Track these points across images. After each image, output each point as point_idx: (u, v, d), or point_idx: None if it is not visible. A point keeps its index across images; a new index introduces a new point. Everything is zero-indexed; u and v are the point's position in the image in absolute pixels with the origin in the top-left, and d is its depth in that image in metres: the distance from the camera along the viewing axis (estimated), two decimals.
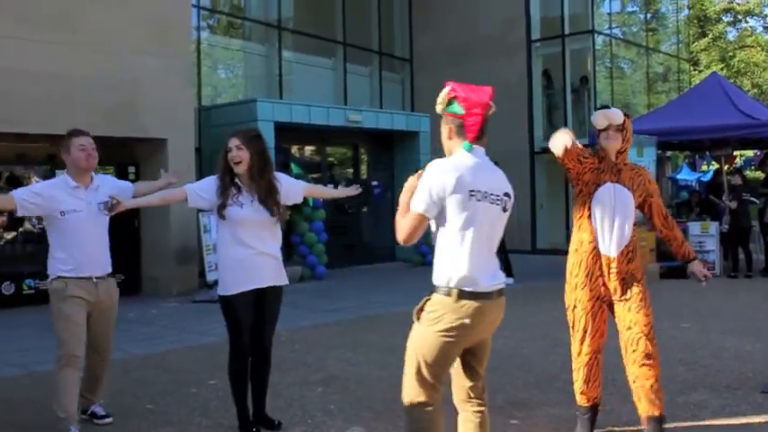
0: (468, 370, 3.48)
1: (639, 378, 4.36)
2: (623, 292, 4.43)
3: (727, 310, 9.47)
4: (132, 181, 11.91)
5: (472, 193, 3.24)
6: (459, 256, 3.24)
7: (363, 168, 17.59)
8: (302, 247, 13.66)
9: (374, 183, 17.23)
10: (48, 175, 11.13)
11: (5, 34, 10.00)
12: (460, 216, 3.23)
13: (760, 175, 16.27)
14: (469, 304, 3.23)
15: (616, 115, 4.47)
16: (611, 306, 4.51)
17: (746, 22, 39.58)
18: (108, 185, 5.06)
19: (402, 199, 3.37)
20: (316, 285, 12.91)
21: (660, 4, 23.93)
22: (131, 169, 12.13)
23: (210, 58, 16.26)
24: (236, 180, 4.66)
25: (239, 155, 4.61)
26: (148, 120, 11.42)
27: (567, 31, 18.40)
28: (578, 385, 4.55)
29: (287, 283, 4.87)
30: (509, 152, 17.70)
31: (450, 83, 3.57)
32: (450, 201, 3.22)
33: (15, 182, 10.94)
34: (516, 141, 17.96)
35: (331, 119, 14.80)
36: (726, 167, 14.49)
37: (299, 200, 5.04)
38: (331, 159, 17.37)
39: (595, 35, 18.34)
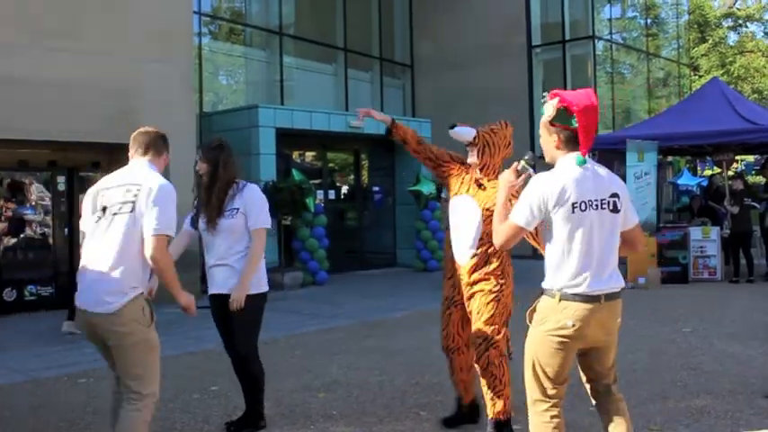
0: (589, 370, 3.62)
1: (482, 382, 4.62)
2: (468, 303, 4.64)
3: (728, 314, 9.46)
4: None
5: (575, 205, 3.34)
6: (565, 262, 3.37)
7: (364, 174, 17.59)
8: (303, 252, 13.66)
9: (375, 188, 17.28)
10: (48, 181, 11.16)
11: (7, 41, 10.01)
12: (565, 228, 3.36)
13: (761, 179, 16.28)
14: (573, 306, 3.34)
15: (463, 134, 4.71)
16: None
17: (747, 27, 39.62)
18: None
19: (498, 198, 3.55)
20: (317, 291, 12.91)
21: (660, 9, 23.98)
22: None
23: (212, 64, 16.28)
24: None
25: (201, 166, 4.84)
26: (150, 126, 11.40)
27: (567, 37, 18.42)
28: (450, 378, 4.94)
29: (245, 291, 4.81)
30: (510, 158, 17.71)
31: (556, 92, 3.54)
32: (553, 214, 3.36)
33: (16, 188, 10.96)
34: (517, 147, 17.88)
35: (332, 125, 14.82)
36: (728, 172, 14.50)
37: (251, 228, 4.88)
38: (332, 165, 17.39)
39: (596, 41, 18.37)
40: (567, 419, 5.03)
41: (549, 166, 3.51)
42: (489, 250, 4.54)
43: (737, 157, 18.26)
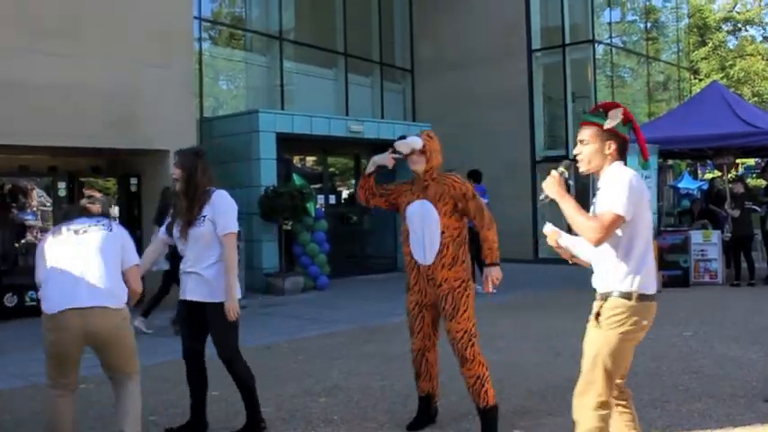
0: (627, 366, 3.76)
1: (464, 378, 4.80)
2: (442, 301, 4.82)
3: (730, 318, 9.46)
4: (134, 193, 12.04)
5: (648, 200, 3.59)
6: (641, 262, 3.50)
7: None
8: (304, 257, 13.66)
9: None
10: (49, 186, 11.16)
11: (7, 46, 10.02)
12: (643, 226, 3.52)
13: (761, 182, 16.27)
14: (649, 307, 3.54)
15: (413, 142, 4.92)
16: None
17: (746, 30, 39.70)
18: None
19: (564, 202, 3.57)
20: (318, 296, 12.91)
21: (660, 13, 23.99)
22: (133, 180, 12.16)
23: (212, 69, 16.30)
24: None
25: (176, 172, 4.85)
26: (150, 131, 11.44)
27: (567, 41, 18.43)
28: (414, 378, 5.11)
29: (214, 300, 4.80)
30: (510, 161, 17.75)
31: (611, 103, 3.69)
32: (640, 207, 3.48)
33: (17, 193, 10.97)
34: (517, 150, 17.99)
35: (332, 129, 14.83)
36: (728, 175, 14.49)
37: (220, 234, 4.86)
38: (332, 170, 17.40)
39: (596, 44, 18.36)
40: (565, 423, 5.04)
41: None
42: (451, 245, 4.80)
43: (738, 161, 18.27)
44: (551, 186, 3.64)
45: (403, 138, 4.98)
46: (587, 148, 3.63)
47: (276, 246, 13.60)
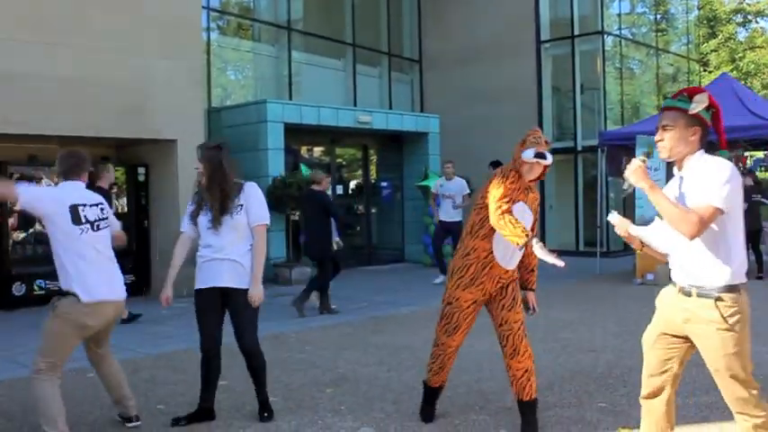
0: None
1: (510, 370, 4.78)
2: (500, 293, 4.79)
3: None
4: (142, 183, 12.07)
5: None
6: (740, 252, 3.42)
7: (372, 169, 17.60)
8: None
9: (383, 184, 17.27)
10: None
11: (16, 37, 10.04)
12: (738, 211, 3.41)
13: None
14: (745, 293, 3.44)
15: (551, 160, 4.71)
16: (487, 305, 4.87)
17: (757, 22, 39.43)
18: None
19: (654, 192, 3.39)
20: None
21: (670, 4, 23.85)
22: (141, 170, 12.17)
23: (220, 59, 16.30)
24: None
25: (200, 166, 5.01)
26: (158, 121, 11.45)
27: (576, 32, 18.37)
28: (434, 369, 4.99)
29: (246, 287, 4.93)
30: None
31: (706, 90, 3.51)
32: (738, 197, 3.36)
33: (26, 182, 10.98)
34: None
35: (340, 120, 14.83)
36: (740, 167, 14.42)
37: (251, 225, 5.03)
38: (340, 160, 17.39)
39: (605, 36, 18.30)
40: (571, 415, 5.04)
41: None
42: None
43: (746, 154, 18.15)
44: (638, 175, 3.49)
45: (543, 156, 4.66)
46: (670, 134, 3.48)
47: (284, 236, 13.62)
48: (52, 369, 4.59)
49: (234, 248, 4.92)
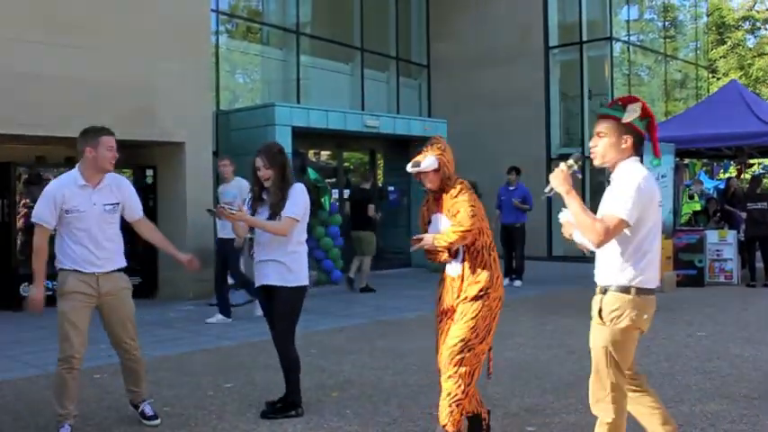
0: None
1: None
2: (455, 309, 4.52)
3: (745, 318, 9.41)
4: (150, 185, 12.10)
5: (659, 203, 3.62)
6: (645, 258, 3.51)
7: (380, 174, 17.60)
8: (318, 251, 13.65)
9: (390, 188, 17.26)
10: None
11: (26, 38, 10.08)
12: (650, 224, 3.52)
13: None
14: (650, 300, 3.58)
15: (429, 165, 4.50)
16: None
17: (765, 29, 39.34)
18: (123, 191, 5.11)
19: (569, 199, 3.58)
20: (331, 290, 12.92)
21: (678, 11, 23.84)
22: (149, 172, 12.21)
23: (229, 62, 16.33)
24: (263, 193, 5.24)
25: (266, 173, 5.17)
26: (167, 123, 11.49)
27: (584, 38, 18.35)
28: None
29: (289, 285, 5.17)
30: (526, 158, 17.65)
31: (640, 99, 3.66)
32: (649, 212, 3.48)
33: (34, 183, 11.01)
34: (533, 148, 17.93)
35: (348, 124, 14.83)
36: (744, 174, 14.39)
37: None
38: (347, 164, 17.40)
39: (613, 42, 18.28)
40: (577, 421, 5.03)
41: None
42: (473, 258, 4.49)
43: (756, 161, 18.14)
44: (558, 180, 3.63)
45: (417, 165, 4.57)
46: (603, 141, 3.61)
47: None
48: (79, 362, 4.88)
49: (280, 248, 5.14)
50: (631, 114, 3.55)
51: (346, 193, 16.17)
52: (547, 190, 3.74)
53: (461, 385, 4.34)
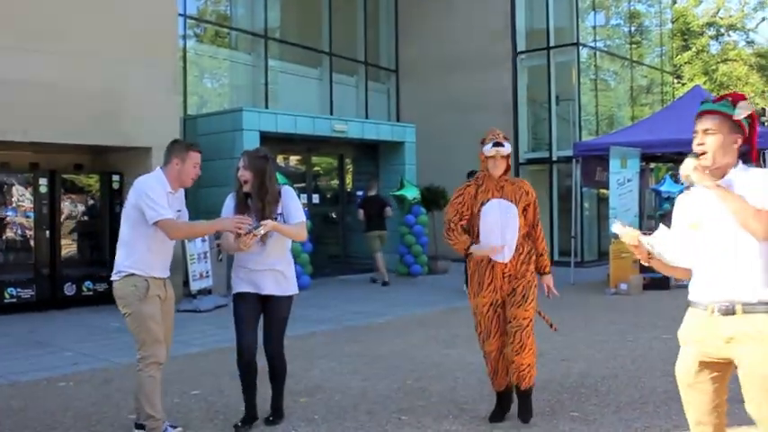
0: None
1: (515, 363, 5.08)
2: (512, 293, 5.08)
3: None
4: (116, 190, 11.97)
5: None
6: None
7: (348, 179, 17.59)
8: None
9: (359, 193, 17.26)
10: (31, 183, 11.08)
11: None
12: None
13: None
14: None
15: (509, 148, 5.10)
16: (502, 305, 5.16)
17: (729, 35, 39.95)
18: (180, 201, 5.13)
19: (722, 192, 3.01)
20: (300, 296, 12.77)
21: (644, 17, 24.12)
22: (116, 177, 12.08)
23: (197, 66, 16.25)
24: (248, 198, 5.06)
25: (245, 175, 5.00)
26: (134, 128, 11.38)
27: (552, 44, 18.51)
28: (490, 375, 5.29)
29: (286, 294, 5.27)
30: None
31: (746, 97, 3.30)
32: None
33: None
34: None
35: (317, 129, 14.82)
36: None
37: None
38: (317, 169, 17.39)
39: (580, 48, 18.46)
40: (547, 424, 5.07)
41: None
42: (525, 242, 5.11)
43: None
44: (699, 173, 3.09)
45: (499, 144, 5.04)
46: (713, 139, 3.10)
47: None
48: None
49: (278, 258, 5.10)
50: (743, 111, 3.10)
51: (315, 197, 16.17)
52: (687, 183, 3.19)
53: (534, 352, 5.14)
